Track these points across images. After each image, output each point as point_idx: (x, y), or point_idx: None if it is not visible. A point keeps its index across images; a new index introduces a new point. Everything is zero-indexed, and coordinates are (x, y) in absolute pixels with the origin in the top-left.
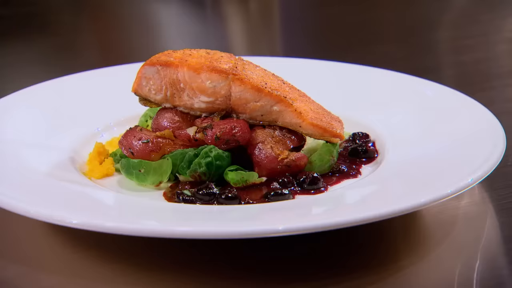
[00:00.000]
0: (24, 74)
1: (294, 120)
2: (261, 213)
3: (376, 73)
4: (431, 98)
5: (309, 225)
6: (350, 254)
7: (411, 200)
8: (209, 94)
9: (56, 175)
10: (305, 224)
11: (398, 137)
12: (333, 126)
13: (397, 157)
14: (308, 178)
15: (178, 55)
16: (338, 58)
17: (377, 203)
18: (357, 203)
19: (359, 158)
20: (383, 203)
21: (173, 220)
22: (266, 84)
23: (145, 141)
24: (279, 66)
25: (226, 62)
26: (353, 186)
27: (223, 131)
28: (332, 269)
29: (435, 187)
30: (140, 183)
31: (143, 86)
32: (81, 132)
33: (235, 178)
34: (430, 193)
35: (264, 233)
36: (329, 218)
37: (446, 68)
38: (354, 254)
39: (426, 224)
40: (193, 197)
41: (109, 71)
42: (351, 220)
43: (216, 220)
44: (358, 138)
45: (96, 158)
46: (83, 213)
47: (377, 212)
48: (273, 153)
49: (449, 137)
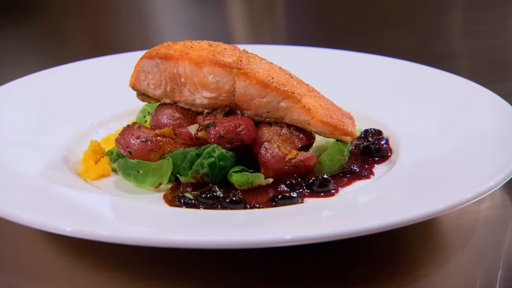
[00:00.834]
0: (10, 64)
1: (302, 117)
2: (267, 220)
3: (386, 62)
4: (446, 90)
5: (318, 235)
6: (363, 263)
7: (428, 206)
8: (212, 90)
9: (49, 176)
10: (314, 234)
11: (412, 133)
12: (344, 123)
13: (412, 156)
14: (318, 179)
15: (178, 48)
16: (345, 46)
17: (392, 209)
18: (370, 209)
19: (371, 157)
20: (398, 209)
21: (173, 228)
22: (273, 79)
23: (144, 139)
24: (282, 55)
25: (229, 55)
26: (366, 189)
27: (227, 129)
28: (344, 279)
29: (454, 192)
30: (139, 184)
31: (141, 80)
32: (74, 129)
33: (240, 180)
34: (449, 199)
35: (270, 243)
36: (341, 227)
37: (459, 56)
38: (368, 262)
39: (444, 230)
40: (196, 201)
41: (103, 61)
42: (365, 229)
43: (220, 228)
44: (371, 135)
45: (91, 157)
46: (77, 220)
47: (392, 220)
48: (280, 152)
49: (467, 134)
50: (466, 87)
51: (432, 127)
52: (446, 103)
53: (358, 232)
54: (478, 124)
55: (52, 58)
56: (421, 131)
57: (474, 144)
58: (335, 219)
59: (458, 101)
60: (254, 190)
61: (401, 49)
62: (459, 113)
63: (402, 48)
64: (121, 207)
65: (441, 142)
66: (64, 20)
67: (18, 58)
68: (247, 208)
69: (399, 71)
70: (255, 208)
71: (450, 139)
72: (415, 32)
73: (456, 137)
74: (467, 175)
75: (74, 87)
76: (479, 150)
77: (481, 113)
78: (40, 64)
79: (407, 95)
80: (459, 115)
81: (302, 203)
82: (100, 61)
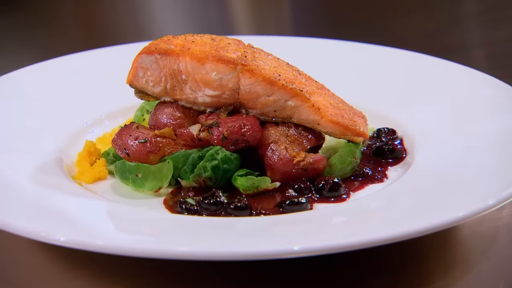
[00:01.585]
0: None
1: (311, 117)
2: (273, 228)
3: (398, 55)
4: (462, 85)
5: (329, 246)
6: (374, 274)
7: (447, 214)
8: (215, 87)
9: (40, 180)
10: (325, 245)
11: (428, 133)
12: (355, 123)
13: (428, 157)
14: (328, 183)
15: (179, 42)
16: (354, 37)
17: (409, 217)
18: (385, 216)
19: (385, 159)
20: (415, 217)
21: (174, 238)
22: (280, 76)
23: (142, 140)
24: (287, 48)
25: (234, 51)
26: (379, 194)
27: (231, 130)
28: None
29: (475, 198)
30: (137, 189)
31: (140, 77)
32: (67, 128)
33: (245, 184)
34: (469, 205)
35: (277, 255)
36: (354, 237)
37: (475, 47)
38: (379, 274)
39: (463, 238)
40: (198, 207)
41: (97, 54)
42: (380, 239)
43: (224, 239)
44: (384, 135)
45: (87, 159)
46: (72, 228)
47: (409, 229)
48: (287, 154)
49: (486, 132)
50: (484, 81)
51: (449, 126)
52: (462, 99)
53: (372, 243)
54: (498, 122)
55: (42, 51)
56: (437, 130)
57: (494, 144)
58: (347, 227)
59: (475, 96)
60: (260, 195)
61: (414, 39)
62: (477, 109)
63: (414, 39)
64: (119, 214)
65: (459, 142)
66: (56, 10)
67: (7, 50)
68: (253, 214)
69: (413, 64)
70: (261, 214)
71: (468, 139)
72: (428, 21)
73: (475, 136)
74: (487, 178)
75: (67, 82)
76: (500, 151)
77: (502, 110)
78: (29, 57)
79: (421, 91)
80: (477, 112)
81: (311, 209)
82: (95, 54)
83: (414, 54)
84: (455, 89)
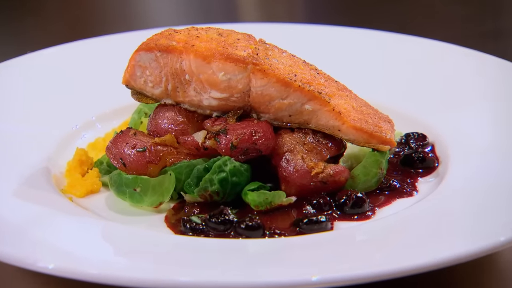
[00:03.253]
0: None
1: (331, 122)
2: (289, 253)
3: (429, 46)
4: (501, 83)
5: (353, 276)
6: None
7: (487, 238)
8: (223, 89)
9: (26, 195)
10: (347, 275)
11: (463, 138)
12: (381, 129)
13: (464, 168)
14: (351, 199)
15: (181, 38)
16: (375, 25)
17: (443, 240)
18: (416, 238)
19: (414, 169)
20: (451, 240)
21: (176, 266)
22: (296, 76)
23: (141, 149)
24: (299, 36)
25: (244, 47)
26: (410, 211)
27: (241, 137)
28: None
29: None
30: (135, 204)
31: (137, 77)
32: (55, 133)
33: (256, 200)
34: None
35: (292, 286)
36: (381, 264)
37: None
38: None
39: (503, 264)
40: (204, 226)
41: (86, 45)
42: (413, 268)
43: (233, 264)
44: (413, 140)
45: (77, 169)
46: (61, 254)
47: (446, 256)
48: (304, 165)
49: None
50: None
51: (489, 130)
52: (499, 98)
53: (404, 272)
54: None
55: (21, 43)
56: (475, 135)
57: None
58: (373, 252)
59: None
60: (273, 211)
61: (444, 27)
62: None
63: (445, 27)
64: (114, 235)
65: (499, 149)
66: None
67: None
68: (266, 235)
69: (446, 57)
70: (275, 235)
71: (507, 144)
72: (464, 5)
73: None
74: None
75: (52, 80)
76: None
77: None
78: (9, 50)
79: (455, 88)
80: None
81: (332, 229)
82: (83, 45)
83: (446, 46)
84: (495, 86)
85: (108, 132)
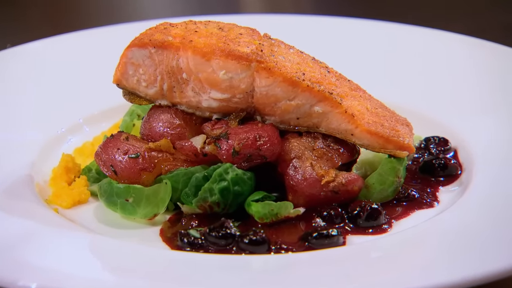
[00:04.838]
0: None
1: (343, 126)
2: (296, 271)
3: (446, 39)
4: None
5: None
6: None
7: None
8: (224, 89)
9: (7, 206)
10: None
11: (489, 143)
12: (399, 133)
13: (490, 176)
14: (365, 210)
15: (178, 32)
16: (387, 16)
17: (468, 257)
18: (437, 253)
19: (435, 177)
20: (476, 257)
21: (173, 284)
22: (304, 75)
23: (133, 155)
24: (306, 29)
25: (247, 43)
26: (430, 224)
27: (244, 142)
28: None
29: None
30: (127, 216)
31: (130, 75)
32: (39, 137)
33: (261, 211)
34: None
35: None
36: (398, 284)
37: None
38: None
39: None
40: (203, 241)
41: (71, 40)
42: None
43: (235, 283)
44: (433, 145)
45: (63, 177)
46: (45, 272)
47: (470, 275)
48: (314, 173)
49: None
50: None
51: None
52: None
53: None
54: None
55: (3, 34)
56: (502, 140)
57: None
58: (390, 269)
59: None
60: (279, 224)
61: (464, 17)
62: None
63: (465, 16)
64: (104, 251)
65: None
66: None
67: None
68: (272, 250)
69: (468, 54)
70: (282, 250)
71: None
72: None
73: None
74: None
75: (35, 78)
76: None
77: None
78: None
79: (480, 88)
80: None
81: (344, 244)
82: (70, 39)
83: (468, 40)
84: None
85: (97, 136)
